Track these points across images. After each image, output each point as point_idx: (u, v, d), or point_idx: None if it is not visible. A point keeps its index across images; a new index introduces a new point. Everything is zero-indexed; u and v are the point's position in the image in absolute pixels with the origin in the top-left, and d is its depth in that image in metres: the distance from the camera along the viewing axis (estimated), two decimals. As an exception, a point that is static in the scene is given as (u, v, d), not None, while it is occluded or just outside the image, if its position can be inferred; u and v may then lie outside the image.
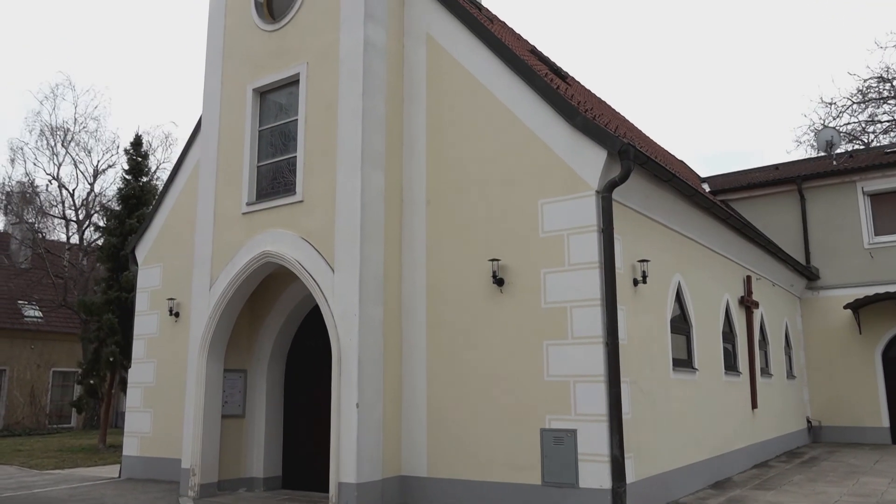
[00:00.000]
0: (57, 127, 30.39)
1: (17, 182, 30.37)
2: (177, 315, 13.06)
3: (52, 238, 31.08)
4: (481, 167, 9.78)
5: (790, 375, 17.75)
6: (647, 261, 9.60)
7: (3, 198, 30.75)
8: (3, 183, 30.52)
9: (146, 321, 13.78)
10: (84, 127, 30.78)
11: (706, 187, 21.07)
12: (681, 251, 11.44)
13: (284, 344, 12.12)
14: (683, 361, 11.06)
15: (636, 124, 20.55)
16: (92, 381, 19.81)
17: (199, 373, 11.11)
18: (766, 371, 15.62)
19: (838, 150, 21.94)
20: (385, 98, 10.41)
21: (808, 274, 18.80)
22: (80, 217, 30.83)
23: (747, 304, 14.61)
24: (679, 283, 11.11)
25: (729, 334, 13.51)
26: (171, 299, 13.15)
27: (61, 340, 28.35)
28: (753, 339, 14.60)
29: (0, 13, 50.04)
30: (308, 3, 11.02)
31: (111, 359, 18.79)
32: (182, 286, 12.95)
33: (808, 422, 18.55)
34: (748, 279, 14.88)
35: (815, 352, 19.07)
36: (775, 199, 20.17)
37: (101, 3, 56.50)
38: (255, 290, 11.54)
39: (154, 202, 15.57)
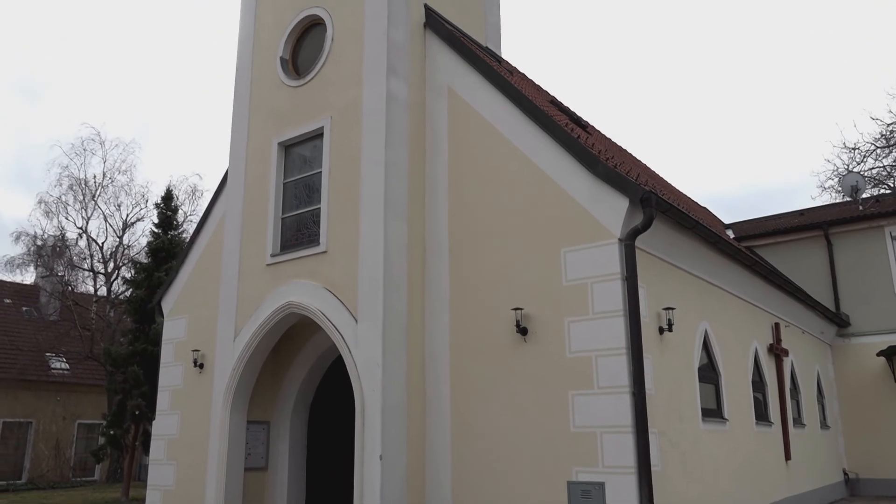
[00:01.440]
0: (86, 181, 31.07)
1: (50, 236, 30.98)
2: (201, 366, 13.08)
3: (81, 290, 31.49)
4: (503, 216, 9.81)
5: (824, 425, 17.27)
6: (672, 308, 9.49)
7: (35, 251, 31.32)
8: (36, 236, 31.14)
9: (171, 373, 13.81)
10: (112, 181, 31.45)
11: (730, 234, 20.91)
12: (707, 298, 11.30)
13: (308, 395, 12.07)
14: (713, 411, 10.82)
15: (657, 171, 20.57)
16: (113, 432, 19.81)
17: (223, 425, 11.08)
18: (798, 421, 15.22)
19: (864, 195, 21.73)
20: (407, 149, 10.56)
21: (838, 321, 18.44)
22: (108, 270, 31.29)
23: (776, 351, 14.32)
24: (706, 330, 10.95)
25: (759, 383, 13.22)
26: (196, 351, 13.19)
27: (87, 392, 28.49)
28: (784, 387, 14.27)
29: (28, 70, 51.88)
30: (332, 59, 11.30)
31: (136, 412, 18.82)
32: (207, 338, 13.00)
33: (845, 474, 17.94)
34: (776, 326, 14.62)
35: (848, 401, 18.55)
36: (802, 245, 19.94)
37: (128, 58, 58.41)
38: (278, 341, 11.56)
39: (181, 254, 15.82)
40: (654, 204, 8.51)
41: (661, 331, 9.34)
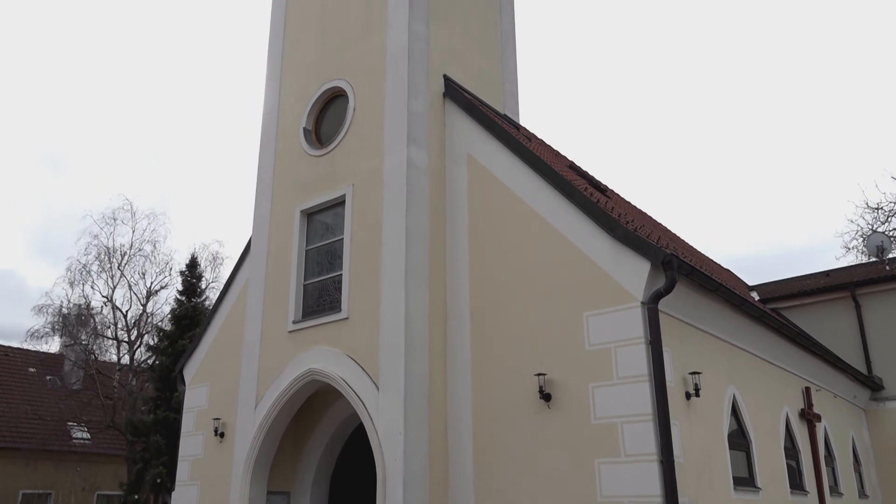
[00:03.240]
0: (114, 250, 31.55)
1: (74, 304, 31.32)
2: (222, 435, 12.96)
3: (104, 359, 31.61)
4: (524, 281, 9.80)
5: (862, 494, 16.59)
6: (698, 373, 9.32)
7: (60, 319, 31.64)
8: (61, 305, 31.50)
9: (191, 442, 13.70)
10: (139, 251, 31.94)
11: (755, 295, 20.65)
12: (733, 362, 11.08)
13: (329, 464, 11.89)
14: (745, 480, 10.47)
15: (678, 233, 20.50)
16: (136, 497, 19.58)
17: (243, 496, 10.91)
18: (835, 490, 14.65)
19: (890, 255, 21.45)
20: (428, 216, 10.67)
21: (870, 384, 17.94)
22: (132, 338, 31.45)
23: (809, 416, 13.91)
24: (734, 395, 10.70)
25: (791, 450, 12.81)
26: (217, 419, 13.10)
27: (106, 462, 28.25)
28: (819, 454, 13.80)
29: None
30: (353, 129, 11.56)
31: (158, 480, 18.63)
32: (228, 406, 12.93)
33: (888, 546, 17.14)
34: (807, 391, 14.25)
35: (887, 468, 17.85)
36: (829, 306, 19.61)
37: (148, 130, 60.11)
38: (299, 409, 11.46)
39: (204, 322, 15.93)
40: (676, 267, 8.47)
41: (688, 396, 9.14)
